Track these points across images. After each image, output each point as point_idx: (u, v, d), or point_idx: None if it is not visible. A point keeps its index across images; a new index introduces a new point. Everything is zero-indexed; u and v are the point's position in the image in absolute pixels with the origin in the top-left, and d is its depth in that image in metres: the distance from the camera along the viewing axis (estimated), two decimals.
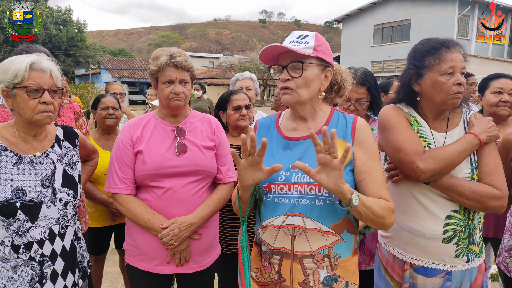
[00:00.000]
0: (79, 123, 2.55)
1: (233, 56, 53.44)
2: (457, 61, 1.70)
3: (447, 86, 1.70)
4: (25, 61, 1.63)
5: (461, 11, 24.87)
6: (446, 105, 1.75)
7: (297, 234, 1.48)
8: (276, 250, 1.53)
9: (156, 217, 1.92)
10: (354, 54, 28.64)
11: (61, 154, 1.82)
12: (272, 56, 1.58)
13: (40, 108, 1.64)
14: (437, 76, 1.71)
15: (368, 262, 2.39)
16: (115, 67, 40.81)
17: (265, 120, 1.73)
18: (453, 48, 1.72)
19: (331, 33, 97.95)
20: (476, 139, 1.71)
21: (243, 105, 2.58)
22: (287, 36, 1.63)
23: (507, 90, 2.62)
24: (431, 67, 1.73)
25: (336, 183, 1.27)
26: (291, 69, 1.52)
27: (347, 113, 1.65)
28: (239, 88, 3.43)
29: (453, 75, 1.70)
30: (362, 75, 2.32)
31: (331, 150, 1.25)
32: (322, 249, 1.48)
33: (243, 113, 2.57)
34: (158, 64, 1.93)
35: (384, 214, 1.42)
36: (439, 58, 1.71)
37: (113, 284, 3.91)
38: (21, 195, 1.64)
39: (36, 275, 1.67)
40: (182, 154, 1.97)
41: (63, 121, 2.46)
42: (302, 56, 1.50)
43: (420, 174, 1.68)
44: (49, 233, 1.70)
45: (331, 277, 1.49)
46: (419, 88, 1.80)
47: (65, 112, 2.49)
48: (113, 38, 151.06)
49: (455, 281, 1.77)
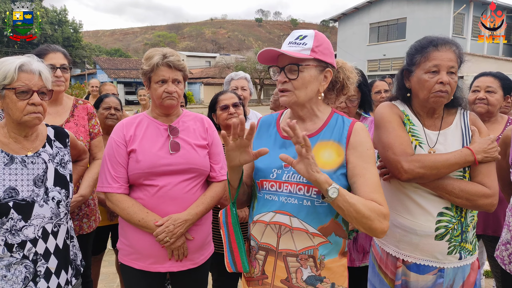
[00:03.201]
0: (91, 123, 2.59)
1: (229, 56, 53.43)
2: (443, 59, 1.70)
3: (429, 84, 1.71)
4: (15, 62, 1.64)
5: (456, 9, 24.97)
6: (429, 103, 1.76)
7: (283, 232, 1.50)
8: (262, 245, 1.56)
9: (149, 215, 1.93)
10: (350, 53, 28.68)
11: (53, 154, 1.83)
12: (272, 57, 1.58)
13: (29, 109, 1.65)
14: (421, 74, 1.73)
15: (361, 259, 2.40)
16: (111, 67, 40.68)
17: (267, 118, 1.76)
18: (442, 46, 1.71)
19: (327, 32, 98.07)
20: (471, 156, 1.70)
21: (230, 104, 2.63)
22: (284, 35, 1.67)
23: (483, 88, 2.68)
24: (418, 65, 1.75)
25: (307, 170, 1.31)
26: (288, 71, 1.52)
27: (339, 111, 1.65)
28: (234, 87, 3.44)
29: (438, 73, 1.70)
30: None
31: (298, 140, 1.30)
32: (307, 250, 1.49)
33: (231, 112, 2.61)
34: (151, 63, 1.94)
35: (371, 215, 1.36)
36: (425, 56, 1.73)
37: (109, 285, 3.91)
38: (14, 194, 1.65)
39: (30, 274, 1.68)
40: (175, 152, 1.99)
41: (77, 120, 2.51)
42: (298, 59, 1.50)
43: (402, 174, 1.70)
44: (42, 232, 1.71)
45: (315, 277, 1.50)
46: (409, 85, 1.83)
47: (78, 112, 2.54)
48: (109, 38, 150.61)
49: (447, 278, 1.77)
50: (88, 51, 52.09)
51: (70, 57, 2.56)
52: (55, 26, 45.80)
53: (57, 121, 2.36)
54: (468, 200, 1.70)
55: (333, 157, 1.51)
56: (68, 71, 2.47)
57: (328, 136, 1.54)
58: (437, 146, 1.79)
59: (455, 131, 1.81)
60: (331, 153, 1.51)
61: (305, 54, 1.49)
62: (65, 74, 2.42)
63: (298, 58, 1.49)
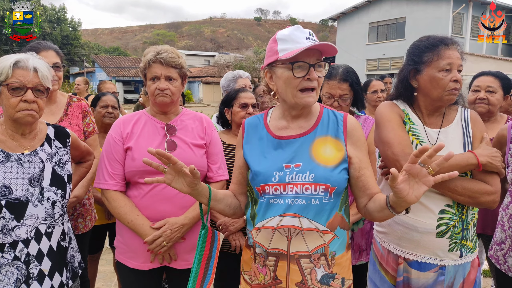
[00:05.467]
0: (86, 121, 2.55)
1: (228, 54, 53.35)
2: (455, 58, 1.73)
3: (444, 82, 1.72)
4: (11, 59, 1.63)
5: (456, 9, 24.96)
6: (443, 101, 1.77)
7: (293, 235, 1.46)
8: (271, 251, 1.50)
9: (139, 218, 1.92)
10: (349, 52, 28.65)
11: (51, 153, 1.80)
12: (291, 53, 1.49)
13: (22, 106, 1.63)
14: (435, 72, 1.73)
15: (357, 257, 2.41)
16: (109, 65, 40.60)
17: (252, 120, 1.69)
18: (451, 45, 1.74)
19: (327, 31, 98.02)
20: (474, 159, 1.69)
21: (250, 104, 2.58)
22: None
23: (484, 88, 2.67)
24: (430, 63, 1.75)
25: (418, 197, 1.24)
26: (317, 68, 1.46)
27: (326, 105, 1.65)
28: (242, 86, 3.39)
29: (451, 71, 1.72)
30: (344, 71, 2.32)
31: (432, 166, 1.21)
32: (319, 248, 1.47)
33: (250, 111, 2.55)
34: (145, 60, 1.96)
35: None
36: (438, 54, 1.73)
37: (106, 283, 3.89)
38: (7, 193, 1.62)
39: (22, 275, 1.65)
40: (171, 151, 1.97)
41: (71, 119, 2.46)
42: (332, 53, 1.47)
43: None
44: (35, 233, 1.68)
45: (328, 275, 1.48)
46: (416, 84, 1.83)
47: (73, 110, 2.50)
48: (108, 37, 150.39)
49: (448, 276, 1.78)
50: (87, 50, 52.03)
51: (62, 54, 2.50)
52: (53, 24, 45.70)
53: (50, 120, 2.33)
54: (470, 197, 1.70)
55: (334, 153, 1.50)
56: (61, 69, 2.41)
57: (324, 132, 1.53)
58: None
59: (456, 129, 1.82)
60: (331, 149, 1.51)
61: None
62: (58, 72, 2.36)
63: (333, 52, 1.46)
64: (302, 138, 1.53)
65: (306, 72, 1.44)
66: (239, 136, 1.69)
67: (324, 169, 1.46)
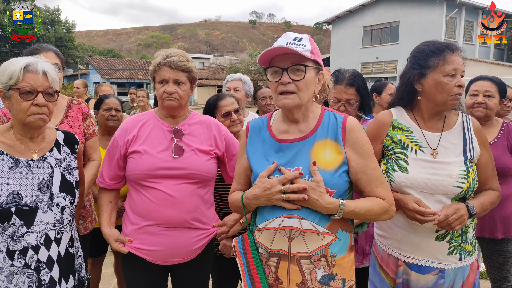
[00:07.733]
0: (86, 123, 2.54)
1: (223, 57, 53.33)
2: (459, 64, 1.76)
3: (449, 87, 1.75)
4: (21, 62, 1.62)
5: (449, 14, 25.20)
6: (447, 105, 1.81)
7: (294, 236, 1.50)
8: (273, 252, 1.54)
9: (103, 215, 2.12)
10: (343, 56, 28.80)
11: (60, 159, 1.80)
12: (268, 59, 1.57)
13: (33, 110, 1.62)
14: (440, 77, 1.76)
15: (361, 260, 2.41)
16: (104, 67, 40.32)
17: (256, 122, 1.74)
18: (456, 51, 1.78)
19: (321, 34, 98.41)
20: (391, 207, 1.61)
21: (232, 110, 2.49)
22: (277, 37, 1.63)
23: (482, 92, 2.70)
24: (435, 68, 1.77)
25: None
26: (292, 71, 1.51)
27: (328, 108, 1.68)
28: (228, 89, 3.44)
29: (455, 77, 1.75)
30: (351, 76, 2.35)
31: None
32: (319, 249, 1.50)
33: (233, 119, 2.49)
34: (154, 63, 1.97)
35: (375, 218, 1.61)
36: (444, 59, 1.76)
37: (105, 286, 3.89)
38: (17, 199, 1.61)
39: (33, 283, 1.63)
40: (178, 156, 1.97)
41: (71, 121, 2.46)
42: (304, 59, 1.50)
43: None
44: (45, 239, 1.67)
45: (328, 275, 1.51)
46: (420, 88, 1.84)
47: (73, 113, 2.49)
48: (102, 39, 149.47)
49: (448, 279, 1.80)
50: (81, 51, 51.62)
51: (62, 56, 2.51)
52: (47, 26, 45.36)
53: (51, 122, 2.34)
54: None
55: (333, 156, 1.53)
56: (61, 70, 2.41)
57: (324, 135, 1.56)
58: (439, 148, 1.82)
59: (458, 134, 1.85)
60: (331, 152, 1.53)
61: (308, 55, 1.50)
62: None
63: (304, 58, 1.49)
64: (302, 142, 1.57)
65: (280, 77, 1.52)
66: (243, 138, 1.75)
67: (323, 173, 1.49)
